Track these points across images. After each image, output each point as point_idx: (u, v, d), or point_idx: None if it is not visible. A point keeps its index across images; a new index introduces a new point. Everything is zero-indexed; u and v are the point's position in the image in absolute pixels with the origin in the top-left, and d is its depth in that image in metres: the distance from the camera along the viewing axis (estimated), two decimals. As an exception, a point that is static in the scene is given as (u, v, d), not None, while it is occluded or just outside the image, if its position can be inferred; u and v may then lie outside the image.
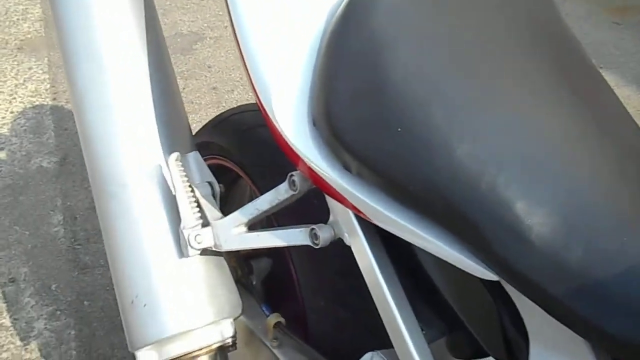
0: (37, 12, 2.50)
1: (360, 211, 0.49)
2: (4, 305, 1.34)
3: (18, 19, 2.45)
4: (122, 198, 0.66)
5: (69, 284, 1.40)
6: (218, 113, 2.08)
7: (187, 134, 0.74)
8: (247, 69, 0.53)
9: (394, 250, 0.54)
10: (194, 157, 0.70)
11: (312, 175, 0.53)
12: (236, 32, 0.54)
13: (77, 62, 0.69)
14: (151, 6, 0.76)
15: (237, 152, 0.85)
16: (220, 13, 2.64)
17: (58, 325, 1.31)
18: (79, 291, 1.38)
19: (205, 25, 2.54)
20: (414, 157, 0.42)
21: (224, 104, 2.10)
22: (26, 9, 2.53)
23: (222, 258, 0.69)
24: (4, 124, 1.87)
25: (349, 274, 0.65)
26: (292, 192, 0.57)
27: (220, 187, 0.68)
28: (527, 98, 0.43)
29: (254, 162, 0.81)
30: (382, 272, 0.52)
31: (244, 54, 0.53)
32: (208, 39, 2.45)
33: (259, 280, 0.87)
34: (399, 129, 0.42)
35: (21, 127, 1.87)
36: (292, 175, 0.57)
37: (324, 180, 0.50)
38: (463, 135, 0.41)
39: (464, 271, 0.43)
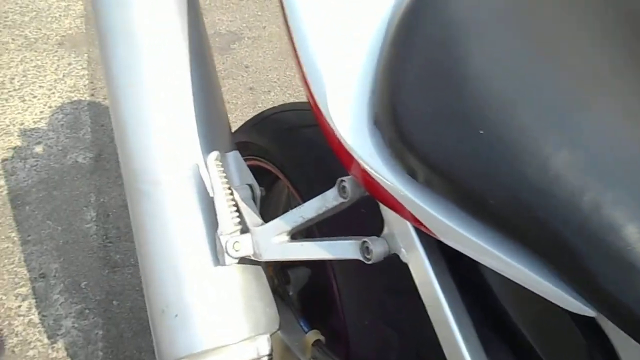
0: (79, 9, 2.52)
1: (423, 224, 0.43)
2: (34, 301, 1.32)
3: (60, 15, 2.47)
4: (154, 197, 0.61)
5: (99, 282, 1.37)
6: (255, 114, 2.04)
7: (227, 132, 0.69)
8: (299, 63, 0.47)
9: (458, 270, 0.47)
10: (234, 157, 0.65)
11: (367, 181, 0.47)
12: (289, 23, 0.49)
13: (115, 53, 0.65)
14: (195, 1, 0.72)
15: (277, 153, 0.80)
16: (259, 13, 2.61)
17: (86, 324, 1.28)
18: (109, 290, 1.36)
19: (244, 25, 2.52)
20: (499, 165, 0.35)
21: (260, 105, 2.06)
22: (68, 5, 2.55)
23: (259, 267, 0.63)
24: (42, 118, 1.88)
25: (399, 291, 0.59)
26: (341, 200, 0.52)
27: (261, 190, 0.63)
28: (636, 97, 0.36)
29: (296, 165, 0.75)
30: (445, 294, 0.45)
31: (297, 46, 0.47)
32: (246, 39, 2.42)
33: (296, 290, 0.82)
34: (481, 131, 0.35)
35: (59, 122, 1.87)
36: (342, 181, 0.51)
37: (381, 187, 0.44)
38: (560, 140, 0.34)
39: (548, 302, 0.36)
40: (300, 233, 0.69)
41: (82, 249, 1.44)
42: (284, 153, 0.78)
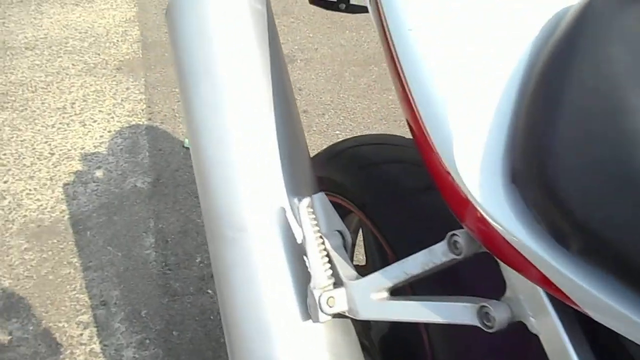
0: (136, 34, 2.58)
1: (564, 294, 0.37)
2: (95, 329, 1.32)
3: (118, 40, 2.53)
4: (240, 245, 0.58)
5: (159, 311, 1.36)
6: (309, 137, 1.99)
7: (310, 171, 0.66)
8: (412, 102, 0.43)
9: (595, 341, 0.41)
10: (320, 199, 0.60)
11: (488, 238, 0.41)
12: (400, 60, 0.44)
13: (196, 93, 0.62)
14: (274, 30, 0.68)
15: (357, 191, 0.75)
16: (311, 35, 2.60)
17: (146, 355, 1.26)
18: (168, 320, 1.34)
19: (296, 47, 2.51)
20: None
21: (314, 128, 2.03)
22: (126, 30, 2.61)
23: (349, 321, 0.58)
24: (102, 143, 1.91)
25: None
26: (452, 256, 0.46)
27: (352, 237, 0.58)
28: None
29: (380, 205, 0.70)
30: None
31: (411, 87, 0.42)
32: (298, 61, 2.41)
33: (378, 338, 0.76)
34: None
35: (118, 146, 1.89)
36: (454, 235, 0.46)
37: (510, 248, 0.39)
38: None
39: None
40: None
41: (141, 276, 1.43)
42: (364, 191, 0.74)
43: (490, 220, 0.38)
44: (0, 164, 1.82)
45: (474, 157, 0.38)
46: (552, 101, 0.35)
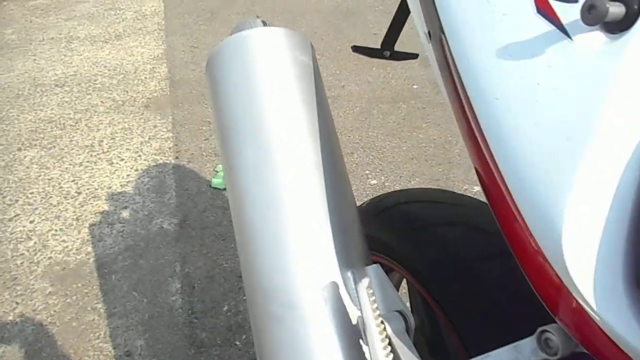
0: (164, 71, 2.60)
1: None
2: (119, 381, 1.26)
3: (146, 78, 2.55)
4: (288, 322, 0.52)
5: (184, 363, 1.30)
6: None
7: (362, 237, 0.60)
8: (504, 187, 0.37)
9: None
10: (376, 273, 0.55)
11: (589, 339, 0.35)
12: (481, 122, 0.39)
13: (241, 152, 0.58)
14: (320, 85, 0.64)
15: (408, 254, 0.69)
16: (337, 72, 2.58)
17: (172, 412, 1.20)
18: (194, 373, 1.27)
19: (323, 83, 2.49)
20: None
21: (343, 167, 1.98)
22: (153, 68, 2.63)
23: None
24: (128, 182, 1.88)
25: None
26: (543, 356, 0.40)
27: (414, 318, 0.52)
28: None
29: (435, 271, 0.64)
30: None
31: (504, 166, 0.37)
32: (326, 97, 2.39)
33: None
34: None
35: (144, 185, 1.87)
36: (545, 331, 0.40)
37: (623, 355, 0.33)
38: None
39: None
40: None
41: (167, 325, 1.38)
42: (416, 255, 0.68)
43: (609, 332, 0.32)
44: (27, 202, 1.81)
45: (583, 247, 0.33)
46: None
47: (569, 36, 0.36)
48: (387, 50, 0.86)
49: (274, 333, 0.53)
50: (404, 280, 0.86)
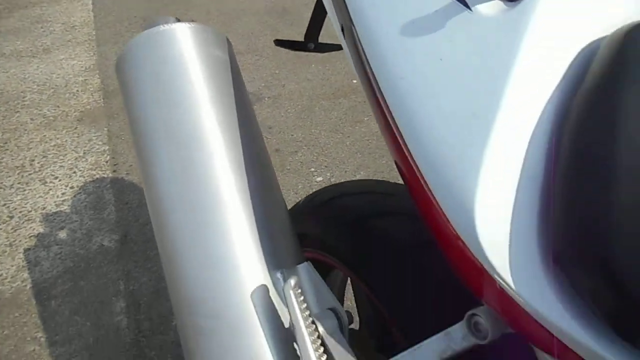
0: (96, 82, 2.49)
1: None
2: (64, 412, 1.19)
3: (78, 90, 2.44)
4: (217, 336, 0.49)
5: (134, 384, 1.24)
6: (283, 177, 1.90)
7: (291, 234, 0.58)
8: (417, 171, 0.36)
9: None
10: (307, 271, 0.52)
11: (520, 322, 0.34)
12: (389, 104, 0.37)
13: (158, 157, 0.54)
14: (238, 79, 0.61)
15: (344, 248, 0.68)
16: (277, 72, 2.55)
17: None
18: (145, 394, 1.22)
19: (263, 84, 2.46)
20: None
21: (288, 167, 1.96)
22: (85, 80, 2.52)
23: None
24: (64, 201, 1.79)
25: None
26: (474, 340, 0.39)
27: (348, 314, 0.50)
28: None
29: (370, 263, 0.63)
30: None
31: (413, 148, 0.35)
32: (266, 98, 2.35)
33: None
34: None
35: (81, 203, 1.78)
36: (474, 315, 0.38)
37: (553, 337, 0.32)
38: None
39: None
40: None
41: (114, 346, 1.31)
42: (354, 249, 0.66)
43: (528, 308, 0.31)
44: (-46, 232, 1.69)
45: (499, 234, 0.31)
46: (600, 163, 0.28)
47: (468, 7, 0.34)
48: (311, 42, 0.84)
49: (203, 348, 0.50)
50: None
